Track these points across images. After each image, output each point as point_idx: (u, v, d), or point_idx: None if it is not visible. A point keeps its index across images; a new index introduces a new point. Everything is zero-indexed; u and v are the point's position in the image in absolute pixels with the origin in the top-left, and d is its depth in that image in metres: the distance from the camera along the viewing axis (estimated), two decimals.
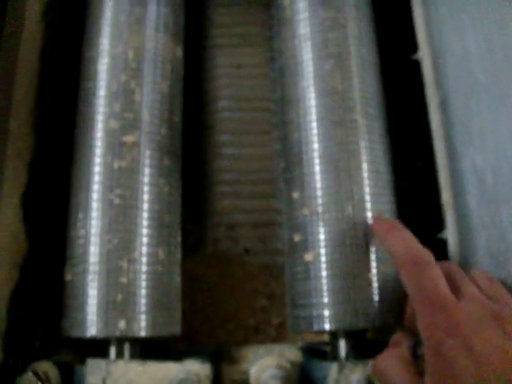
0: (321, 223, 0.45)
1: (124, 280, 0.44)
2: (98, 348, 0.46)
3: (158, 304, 0.45)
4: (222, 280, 0.58)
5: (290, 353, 0.47)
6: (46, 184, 0.53)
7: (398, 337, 0.42)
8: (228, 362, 0.47)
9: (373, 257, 0.44)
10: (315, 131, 0.47)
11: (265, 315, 0.57)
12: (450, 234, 0.49)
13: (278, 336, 0.56)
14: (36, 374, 0.44)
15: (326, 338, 0.48)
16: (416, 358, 0.39)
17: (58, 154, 0.53)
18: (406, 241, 0.41)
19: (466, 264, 0.47)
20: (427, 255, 0.39)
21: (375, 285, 0.43)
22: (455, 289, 0.38)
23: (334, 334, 0.45)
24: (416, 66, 0.54)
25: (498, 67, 0.47)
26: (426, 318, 0.36)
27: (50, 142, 0.54)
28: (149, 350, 0.48)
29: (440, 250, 0.48)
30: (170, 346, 0.53)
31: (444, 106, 0.51)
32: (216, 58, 0.66)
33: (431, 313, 0.36)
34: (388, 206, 0.47)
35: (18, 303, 0.48)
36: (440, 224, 0.50)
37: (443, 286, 0.37)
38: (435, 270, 0.38)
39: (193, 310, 0.57)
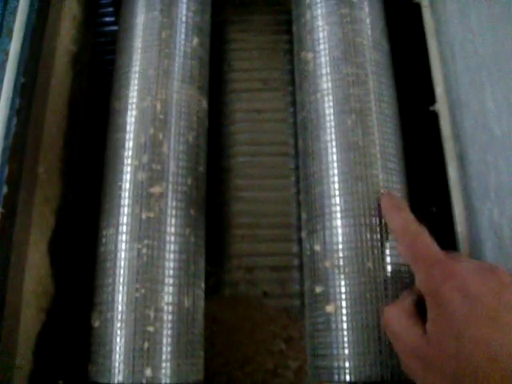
0: (342, 276, 0.46)
1: (151, 329, 0.46)
2: None
3: (182, 352, 0.47)
4: (240, 322, 0.60)
5: None
6: (73, 230, 0.54)
7: (405, 293, 0.44)
8: None
9: None
10: (337, 185, 0.48)
11: (283, 359, 0.58)
12: None
13: (296, 380, 0.57)
14: None
15: None
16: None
17: (85, 201, 0.55)
18: (404, 219, 0.45)
19: None
20: (421, 228, 0.44)
21: None
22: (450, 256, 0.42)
23: None
24: (434, 118, 0.56)
25: None
26: (423, 273, 0.41)
27: (77, 189, 0.55)
28: None
29: None
30: None
31: (461, 159, 0.52)
32: (236, 102, 0.67)
33: (427, 267, 0.40)
34: None
35: (44, 345, 0.50)
36: None
37: (436, 248, 0.42)
38: (428, 238, 0.43)
39: (212, 352, 0.58)
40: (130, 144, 0.50)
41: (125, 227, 0.48)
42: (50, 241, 0.52)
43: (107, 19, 0.69)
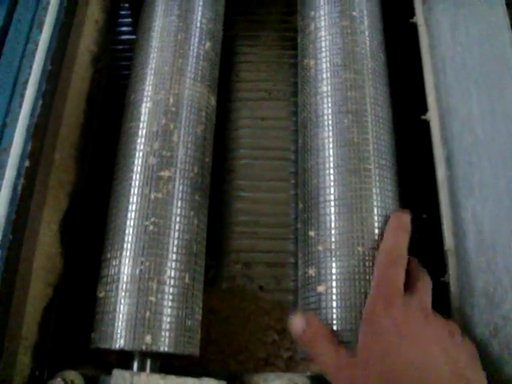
0: (333, 258, 0.50)
1: (152, 299, 0.49)
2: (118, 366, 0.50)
3: (181, 324, 0.50)
4: (236, 314, 0.63)
5: (299, 379, 0.50)
6: (84, 211, 0.58)
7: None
8: None
9: None
10: (332, 177, 0.52)
11: (275, 349, 0.61)
12: (452, 277, 0.54)
13: (288, 369, 0.60)
14: (65, 380, 0.48)
15: None
16: None
17: (97, 185, 0.59)
18: (396, 242, 0.49)
19: (464, 304, 0.52)
20: (403, 260, 0.48)
21: None
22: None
23: None
24: (426, 126, 0.60)
25: (497, 127, 0.54)
26: (371, 299, 0.46)
27: (90, 174, 0.59)
28: (167, 369, 0.51)
29: (442, 292, 0.53)
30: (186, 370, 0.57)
31: (449, 161, 0.56)
32: (242, 109, 0.72)
33: (378, 297, 0.46)
34: None
35: (49, 319, 0.53)
36: (444, 268, 0.55)
37: (398, 285, 0.46)
38: (401, 273, 0.47)
39: (207, 340, 0.61)
40: (143, 132, 0.55)
41: (134, 205, 0.52)
42: (62, 221, 0.55)
43: (125, 28, 0.75)
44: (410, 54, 0.63)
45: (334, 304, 0.48)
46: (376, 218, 0.51)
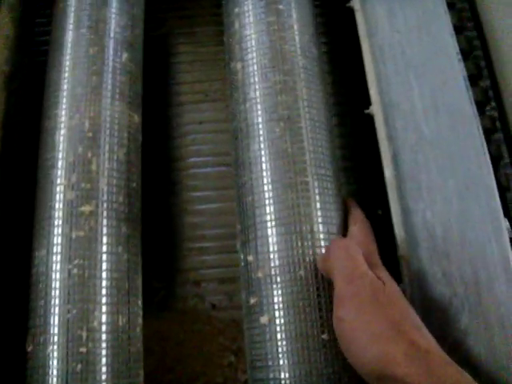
0: (274, 286, 0.46)
1: (83, 350, 0.45)
2: None
3: (118, 372, 0.46)
4: (189, 337, 0.59)
5: None
6: (6, 256, 0.54)
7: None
8: None
9: (325, 317, 0.44)
10: (267, 194, 0.48)
11: (232, 371, 0.58)
12: (407, 286, 0.50)
13: None
14: None
15: None
16: None
17: (17, 222, 0.54)
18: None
19: (422, 317, 0.48)
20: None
21: (329, 345, 0.44)
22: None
23: None
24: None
25: (441, 123, 0.49)
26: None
27: (10, 211, 0.55)
28: None
29: None
30: None
31: (395, 160, 0.52)
32: (181, 115, 0.67)
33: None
34: None
35: None
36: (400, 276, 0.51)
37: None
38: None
39: (162, 369, 0.57)
40: (59, 163, 0.50)
41: (55, 247, 0.47)
42: None
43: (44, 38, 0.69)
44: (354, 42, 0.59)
45: (279, 336, 0.45)
46: (318, 235, 0.47)
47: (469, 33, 0.59)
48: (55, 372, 0.45)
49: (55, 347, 0.45)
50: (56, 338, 0.45)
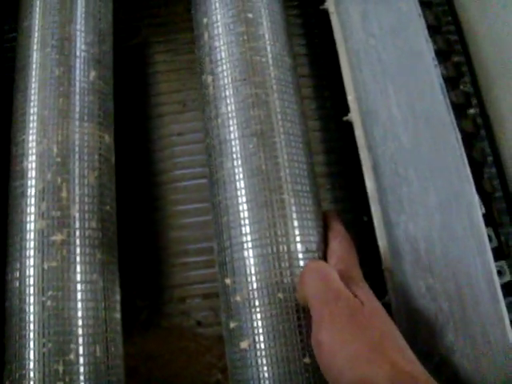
0: (253, 310, 0.44)
1: None
2: None
3: None
4: (176, 356, 0.58)
5: None
6: None
7: None
8: None
9: (306, 341, 0.43)
10: (242, 214, 0.46)
11: None
12: (392, 299, 0.49)
13: None
14: None
15: None
16: None
17: None
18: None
19: (407, 333, 0.47)
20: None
21: (311, 369, 0.43)
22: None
23: None
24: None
25: (420, 132, 0.48)
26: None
27: None
28: None
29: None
30: None
31: (375, 170, 0.50)
32: (159, 127, 0.66)
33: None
34: None
35: None
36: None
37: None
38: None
39: None
40: (27, 192, 0.48)
41: (27, 279, 0.46)
42: None
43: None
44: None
45: (259, 362, 0.44)
46: (296, 255, 0.45)
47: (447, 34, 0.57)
48: None
49: (31, 383, 0.44)
50: (32, 374, 0.44)
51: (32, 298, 0.46)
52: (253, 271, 0.45)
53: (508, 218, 0.53)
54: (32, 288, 0.46)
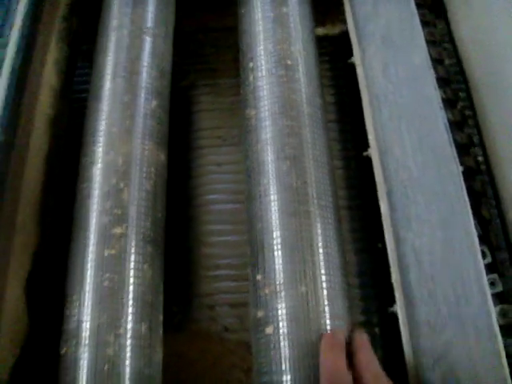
0: (279, 300, 0.52)
1: (110, 352, 0.51)
2: None
3: (139, 374, 0.52)
4: (203, 356, 0.65)
5: None
6: (47, 272, 0.61)
7: None
8: None
9: (323, 328, 0.50)
10: (274, 222, 0.55)
11: None
12: (399, 308, 0.56)
13: None
14: None
15: None
16: None
17: (57, 244, 0.62)
18: (334, 364, 0.47)
19: (411, 334, 0.54)
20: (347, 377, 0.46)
21: None
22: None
23: None
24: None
25: (427, 164, 0.56)
26: None
27: (51, 235, 0.62)
28: None
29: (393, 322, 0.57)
30: None
31: (389, 195, 0.59)
32: (200, 157, 0.76)
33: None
34: (339, 284, 0.54)
35: (16, 378, 0.55)
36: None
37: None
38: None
39: None
40: (95, 193, 0.58)
41: (89, 263, 0.55)
42: (26, 283, 0.58)
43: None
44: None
45: (282, 344, 0.51)
46: (317, 257, 0.53)
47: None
48: (85, 371, 0.51)
49: (86, 348, 0.51)
50: (87, 341, 0.52)
51: (93, 279, 0.54)
52: (281, 268, 0.53)
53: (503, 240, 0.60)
54: (93, 270, 0.54)
